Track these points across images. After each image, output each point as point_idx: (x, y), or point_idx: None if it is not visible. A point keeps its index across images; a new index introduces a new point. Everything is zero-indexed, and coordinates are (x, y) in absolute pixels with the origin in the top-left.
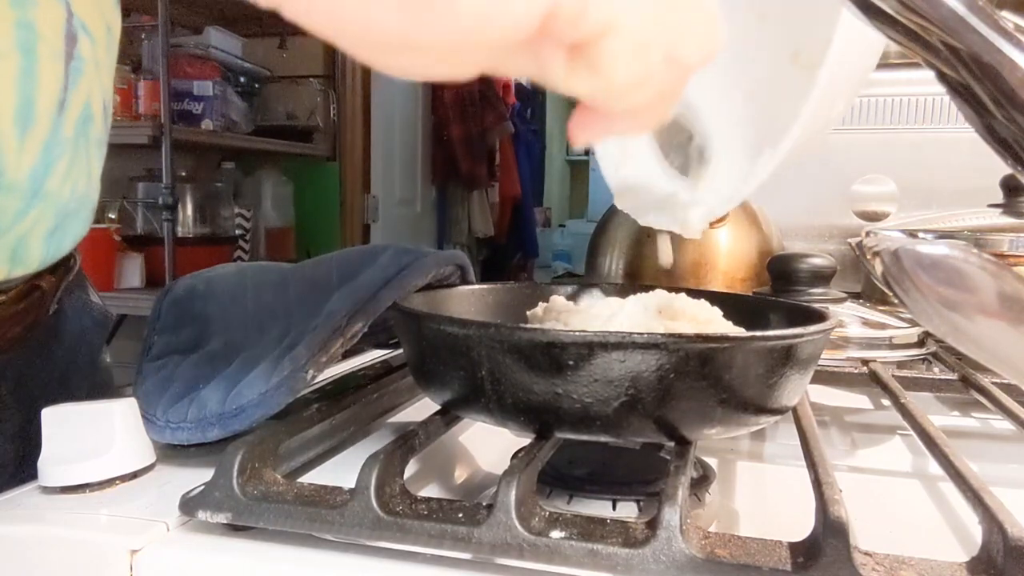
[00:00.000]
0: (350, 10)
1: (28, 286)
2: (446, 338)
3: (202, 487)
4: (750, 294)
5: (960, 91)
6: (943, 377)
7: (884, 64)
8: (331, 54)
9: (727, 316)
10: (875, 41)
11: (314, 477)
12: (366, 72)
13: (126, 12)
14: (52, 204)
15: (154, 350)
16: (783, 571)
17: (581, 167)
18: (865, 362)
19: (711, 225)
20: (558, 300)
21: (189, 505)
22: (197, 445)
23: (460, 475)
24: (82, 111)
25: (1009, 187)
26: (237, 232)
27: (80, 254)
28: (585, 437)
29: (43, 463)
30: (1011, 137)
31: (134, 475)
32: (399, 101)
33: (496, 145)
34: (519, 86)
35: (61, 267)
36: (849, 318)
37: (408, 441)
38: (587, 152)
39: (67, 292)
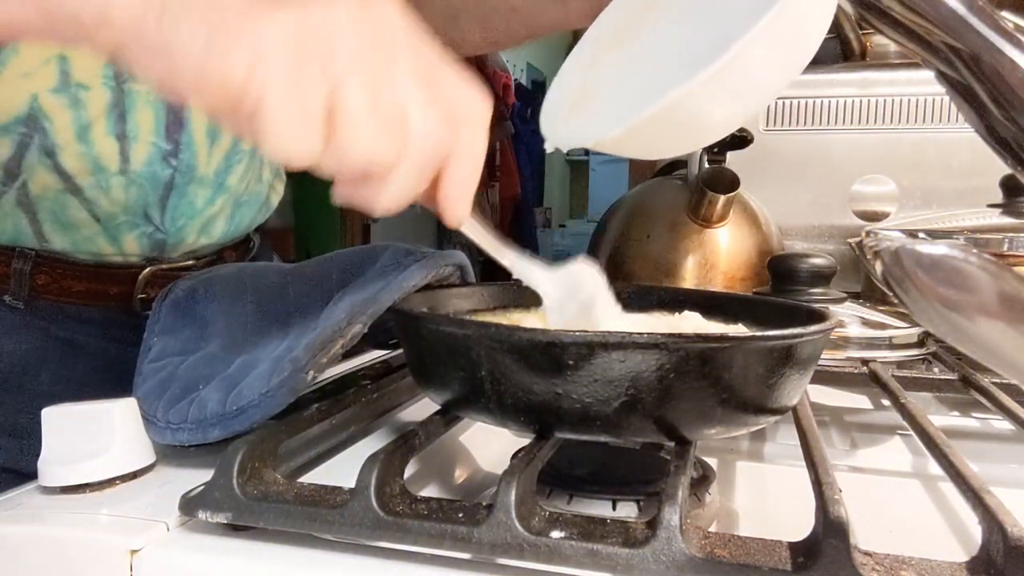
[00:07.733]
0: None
1: (215, 255)
2: (446, 338)
3: (202, 487)
4: (750, 294)
5: (960, 91)
6: (943, 377)
7: (884, 64)
8: None
9: (727, 316)
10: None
11: (314, 477)
12: None
13: None
14: (232, 195)
15: (154, 351)
16: (783, 571)
17: (581, 167)
18: (865, 362)
19: (712, 224)
20: None
21: (189, 505)
22: (197, 445)
23: (460, 475)
24: None
25: (1009, 187)
26: None
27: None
28: (585, 437)
29: (43, 463)
30: (1011, 137)
31: (134, 475)
32: None
33: (496, 146)
34: (519, 86)
35: (242, 247)
36: (849, 318)
37: (408, 441)
38: (587, 152)
39: None
